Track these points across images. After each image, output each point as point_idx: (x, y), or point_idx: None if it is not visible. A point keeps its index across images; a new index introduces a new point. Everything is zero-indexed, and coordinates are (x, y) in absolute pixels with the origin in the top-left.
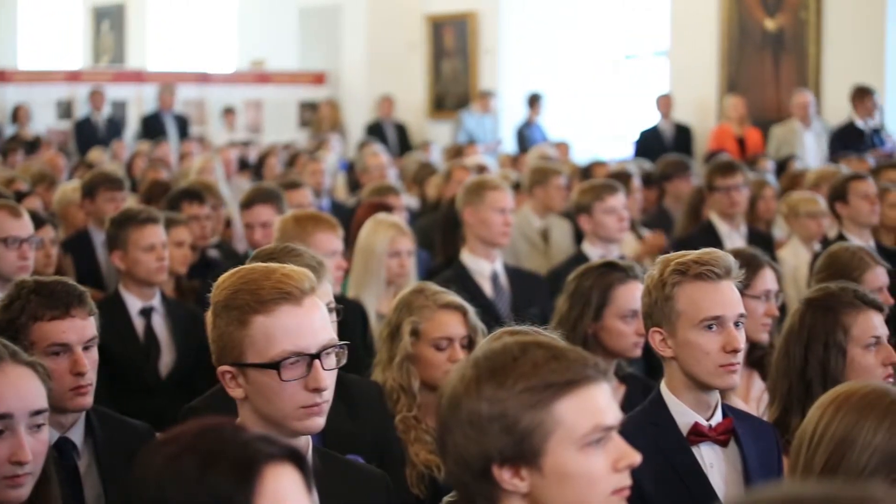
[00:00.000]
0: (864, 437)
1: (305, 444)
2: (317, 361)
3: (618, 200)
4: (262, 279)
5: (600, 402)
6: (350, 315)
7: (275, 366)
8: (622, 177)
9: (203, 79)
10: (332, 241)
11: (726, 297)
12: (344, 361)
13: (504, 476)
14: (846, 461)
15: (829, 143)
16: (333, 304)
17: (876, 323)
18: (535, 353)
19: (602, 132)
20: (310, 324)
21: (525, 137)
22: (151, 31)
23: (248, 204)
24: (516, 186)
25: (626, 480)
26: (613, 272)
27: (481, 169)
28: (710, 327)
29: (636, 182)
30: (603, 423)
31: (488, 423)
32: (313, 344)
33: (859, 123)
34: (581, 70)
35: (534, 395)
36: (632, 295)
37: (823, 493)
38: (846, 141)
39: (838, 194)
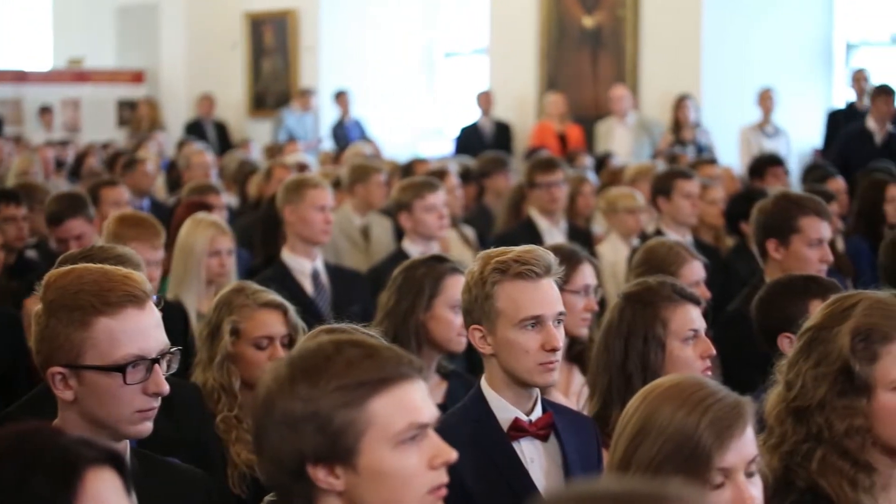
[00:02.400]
0: (657, 427)
1: (124, 446)
2: (157, 366)
3: (437, 198)
4: (104, 280)
5: (415, 399)
6: (173, 318)
7: (120, 369)
8: (442, 174)
9: (19, 77)
10: (148, 251)
11: (546, 296)
12: (176, 367)
13: (319, 475)
14: (640, 451)
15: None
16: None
17: (693, 316)
18: (350, 352)
19: (423, 129)
20: (152, 327)
21: (339, 135)
22: None
23: (56, 220)
24: (337, 184)
25: (442, 478)
26: (444, 263)
27: (301, 167)
28: (529, 326)
29: (456, 179)
30: (418, 420)
31: (302, 422)
32: (154, 348)
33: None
34: (401, 68)
35: (347, 394)
36: (461, 287)
37: (620, 491)
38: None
39: (662, 189)
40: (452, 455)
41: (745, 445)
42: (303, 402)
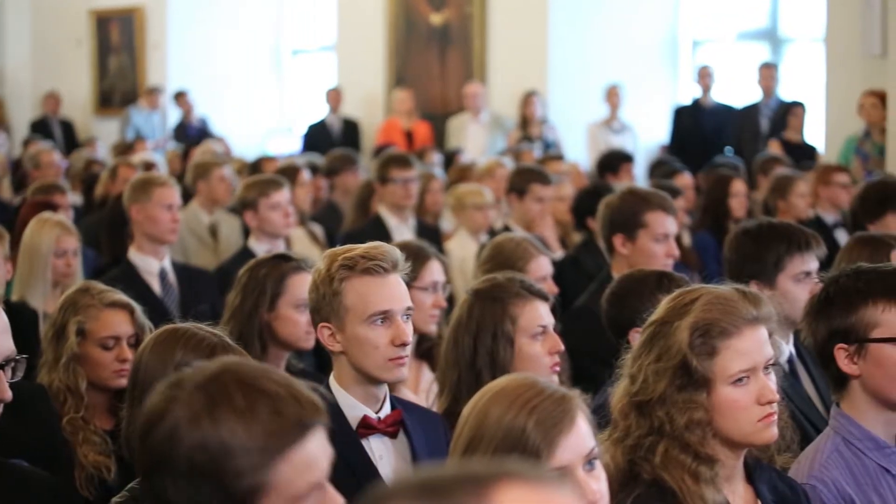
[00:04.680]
0: (489, 432)
1: None
2: (1, 373)
3: (283, 196)
4: None
5: (317, 457)
6: (23, 319)
7: None
8: (290, 171)
9: None
10: None
11: (394, 292)
12: (21, 374)
13: None
14: (477, 454)
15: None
16: None
17: (542, 312)
18: (259, 409)
19: (271, 127)
20: None
21: (182, 135)
22: None
23: None
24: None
25: None
26: (287, 262)
27: (148, 166)
28: (378, 322)
29: (304, 176)
30: (318, 480)
31: (204, 477)
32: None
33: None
34: (249, 65)
35: (254, 458)
36: (305, 285)
37: (460, 473)
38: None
39: (517, 188)
40: (339, 502)
41: (578, 440)
42: (211, 454)
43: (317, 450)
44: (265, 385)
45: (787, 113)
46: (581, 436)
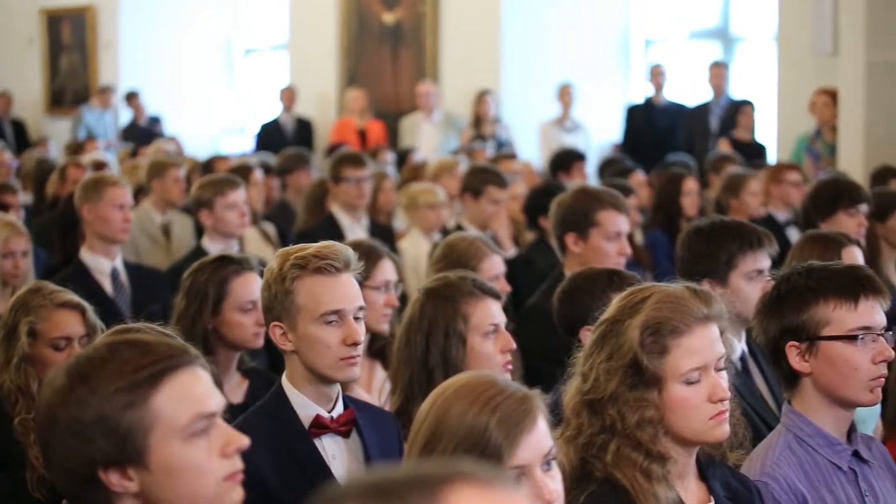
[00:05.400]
0: (449, 429)
1: None
2: None
3: (239, 195)
4: None
5: (197, 389)
6: None
7: None
8: (243, 171)
9: None
10: None
11: (346, 291)
12: None
13: (112, 479)
14: (435, 454)
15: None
16: None
17: (494, 311)
18: (124, 352)
19: (224, 127)
20: None
21: (133, 136)
22: None
23: None
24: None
25: (236, 465)
26: (229, 265)
27: (99, 165)
28: (330, 321)
29: (257, 176)
30: (203, 410)
31: (88, 429)
32: None
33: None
34: (201, 65)
35: (128, 395)
36: (248, 286)
37: (416, 473)
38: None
39: (473, 189)
40: (244, 441)
41: (538, 440)
42: (85, 409)
43: (194, 383)
44: (135, 337)
45: (737, 112)
46: (541, 435)
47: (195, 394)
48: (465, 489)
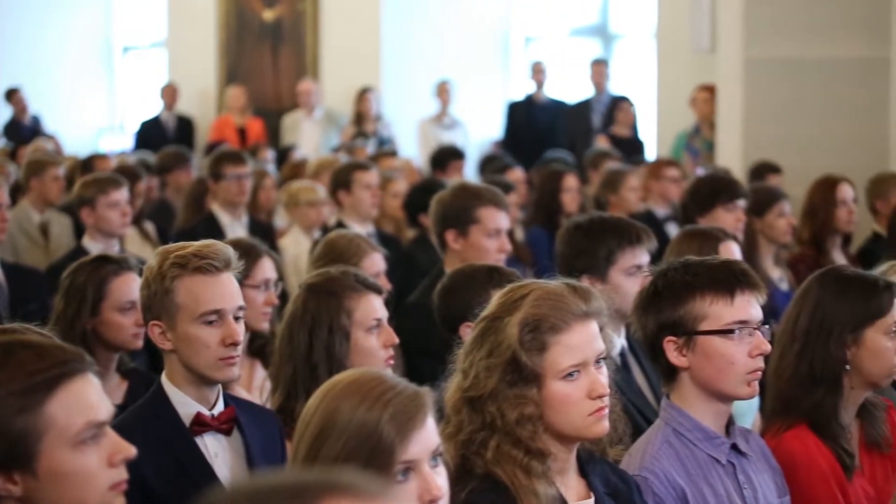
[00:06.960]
0: (339, 425)
1: None
2: None
3: (122, 194)
4: None
5: (91, 398)
6: None
7: None
8: (124, 170)
9: None
10: None
11: (225, 290)
12: None
13: None
14: (324, 449)
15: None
16: None
17: (377, 305)
18: (19, 355)
19: (102, 125)
20: None
21: (13, 134)
22: None
23: None
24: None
25: (122, 474)
26: (107, 265)
27: None
28: (209, 321)
29: (139, 174)
30: (95, 419)
31: None
32: None
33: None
34: (79, 62)
35: (22, 399)
36: (127, 286)
37: (293, 483)
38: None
39: (342, 183)
40: (131, 451)
41: (428, 436)
42: None
43: (88, 390)
44: (28, 338)
45: (615, 108)
46: (430, 431)
47: (88, 401)
48: (340, 502)
